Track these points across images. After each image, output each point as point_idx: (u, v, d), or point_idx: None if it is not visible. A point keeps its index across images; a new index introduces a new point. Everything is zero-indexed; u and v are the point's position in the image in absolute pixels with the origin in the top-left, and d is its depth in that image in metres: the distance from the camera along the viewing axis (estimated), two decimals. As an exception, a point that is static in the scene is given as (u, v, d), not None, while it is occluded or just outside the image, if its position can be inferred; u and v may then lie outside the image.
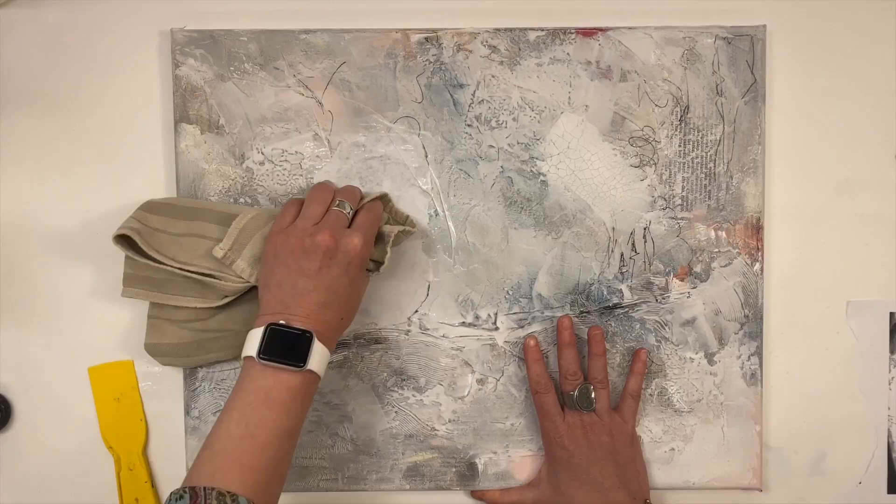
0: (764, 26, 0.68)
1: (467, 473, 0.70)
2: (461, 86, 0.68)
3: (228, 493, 0.52)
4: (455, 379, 0.69)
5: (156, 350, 0.66)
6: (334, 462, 0.69)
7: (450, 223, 0.69)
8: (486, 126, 0.68)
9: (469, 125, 0.68)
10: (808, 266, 0.70)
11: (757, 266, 0.69)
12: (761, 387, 0.69)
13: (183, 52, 0.67)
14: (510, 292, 0.69)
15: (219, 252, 0.63)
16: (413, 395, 0.69)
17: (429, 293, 0.69)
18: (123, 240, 0.63)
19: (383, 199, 0.66)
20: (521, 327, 0.69)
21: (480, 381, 0.69)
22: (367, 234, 0.60)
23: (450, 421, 0.69)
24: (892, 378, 0.71)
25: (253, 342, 0.57)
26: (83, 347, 0.69)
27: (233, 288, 0.64)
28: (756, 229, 0.68)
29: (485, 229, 0.69)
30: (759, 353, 0.69)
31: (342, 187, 0.64)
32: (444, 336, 0.69)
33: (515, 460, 0.70)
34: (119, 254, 0.69)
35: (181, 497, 0.53)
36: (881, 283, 0.70)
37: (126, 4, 0.69)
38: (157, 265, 0.63)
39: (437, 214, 0.68)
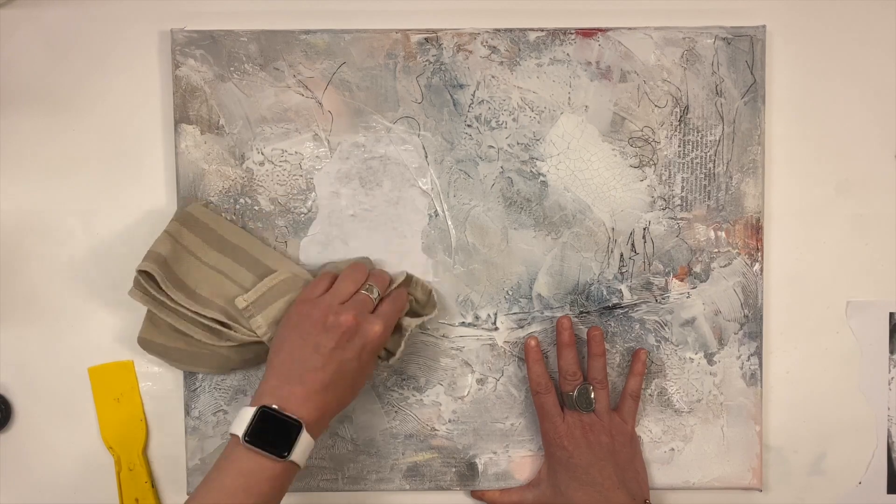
0: (764, 27, 0.68)
1: (467, 473, 0.70)
2: (461, 86, 0.68)
3: None
4: (455, 379, 0.69)
5: (147, 345, 0.66)
6: (334, 462, 0.69)
7: (450, 223, 0.69)
8: (486, 126, 0.68)
9: (469, 125, 0.68)
10: (807, 266, 0.70)
11: (757, 266, 0.69)
12: (761, 387, 0.69)
13: (183, 52, 0.67)
14: (510, 292, 0.69)
15: (241, 303, 0.63)
16: (413, 395, 0.69)
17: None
18: (144, 273, 0.63)
19: (407, 281, 0.66)
20: (521, 327, 0.69)
21: (480, 381, 0.69)
22: (388, 322, 0.61)
23: (450, 421, 0.69)
24: (892, 378, 0.71)
25: (242, 421, 0.56)
26: (83, 347, 0.69)
27: (239, 339, 0.64)
28: (756, 229, 0.69)
29: (485, 229, 0.69)
30: (758, 353, 0.69)
31: (375, 270, 0.65)
32: (443, 336, 0.69)
33: (515, 460, 0.70)
34: (119, 253, 0.69)
35: None
36: (881, 283, 0.70)
37: (126, 4, 0.69)
38: (172, 304, 0.63)
39: (436, 215, 0.68)
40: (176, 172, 0.68)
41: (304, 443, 0.57)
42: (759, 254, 0.69)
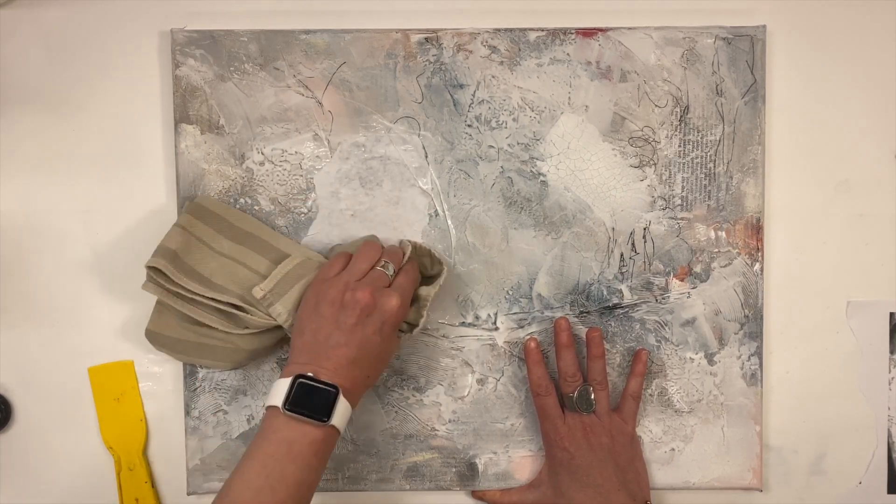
0: (764, 26, 0.68)
1: (467, 474, 0.70)
2: (461, 86, 0.68)
3: None
4: (455, 379, 0.69)
5: (155, 339, 0.66)
6: (334, 462, 0.69)
7: (450, 223, 0.69)
8: (486, 126, 0.68)
9: (469, 125, 0.68)
10: (808, 266, 0.70)
11: (757, 266, 0.69)
12: (761, 387, 0.69)
13: (183, 52, 0.67)
14: (510, 292, 0.69)
15: (259, 292, 0.63)
16: (413, 396, 0.69)
17: (429, 293, 0.69)
18: (154, 268, 0.63)
19: (414, 251, 0.65)
20: (521, 327, 0.69)
21: (480, 382, 0.69)
22: (404, 295, 0.61)
23: (450, 421, 0.69)
24: (892, 378, 0.71)
25: (279, 392, 0.57)
26: (83, 347, 0.69)
27: (258, 323, 0.63)
28: (756, 229, 0.69)
29: (485, 229, 0.69)
30: (759, 353, 0.69)
31: (388, 248, 0.65)
32: (444, 336, 0.69)
33: (515, 460, 0.70)
34: (119, 253, 0.69)
35: None
36: (881, 283, 0.70)
37: (126, 4, 0.69)
38: (188, 293, 0.63)
39: (437, 215, 0.68)
40: (176, 172, 0.68)
41: (343, 407, 0.57)
42: (760, 254, 0.69)
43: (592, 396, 0.65)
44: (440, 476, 0.70)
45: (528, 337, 0.68)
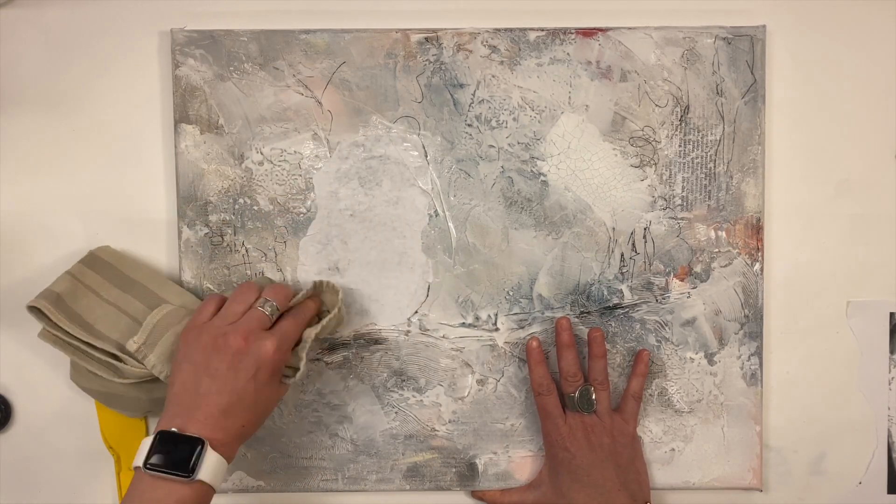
0: (764, 26, 0.68)
1: (467, 474, 0.70)
2: (461, 86, 0.68)
3: None
4: (455, 379, 0.69)
5: (78, 384, 0.66)
6: (334, 462, 0.69)
7: (450, 223, 0.68)
8: (486, 126, 0.68)
9: (469, 125, 0.68)
10: (808, 266, 0.70)
11: (757, 266, 0.69)
12: (761, 387, 0.69)
13: (183, 52, 0.67)
14: (510, 293, 0.69)
15: (132, 346, 0.61)
16: (413, 396, 0.69)
17: (429, 294, 0.69)
18: (36, 310, 0.63)
19: (316, 288, 0.64)
20: (522, 328, 0.69)
21: (480, 382, 0.69)
22: (282, 339, 0.58)
23: (450, 421, 0.69)
24: (892, 378, 0.71)
25: (142, 451, 0.54)
26: (83, 348, 0.69)
27: (136, 374, 0.62)
28: (756, 229, 0.68)
29: (485, 230, 0.69)
30: (759, 353, 0.69)
31: (271, 286, 0.62)
32: (444, 337, 0.69)
33: (515, 461, 0.70)
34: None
35: None
36: (881, 283, 0.70)
37: (126, 4, 0.68)
38: (67, 338, 0.63)
39: (437, 215, 0.68)
40: (176, 172, 0.68)
41: (213, 460, 0.54)
42: (760, 254, 0.69)
43: (593, 396, 0.65)
44: (440, 476, 0.69)
45: (530, 336, 0.68)
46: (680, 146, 0.68)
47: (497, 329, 0.69)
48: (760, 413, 0.69)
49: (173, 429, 0.55)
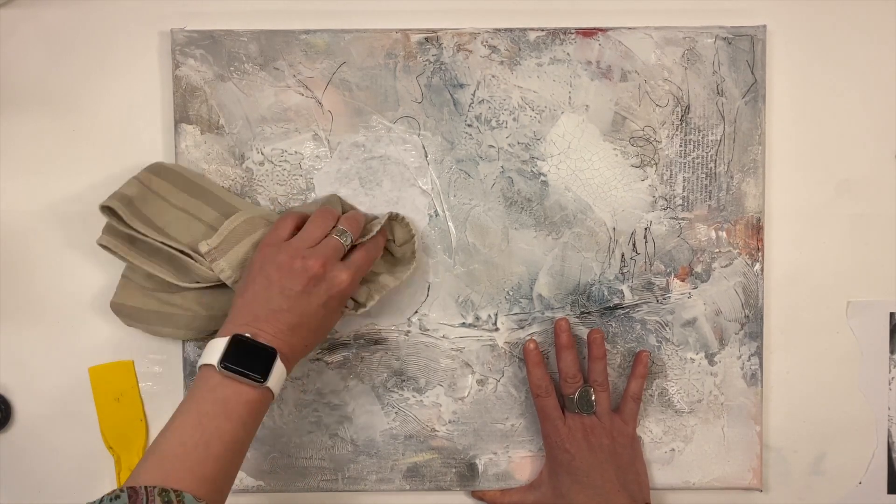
0: (764, 26, 0.68)
1: (467, 474, 0.70)
2: (461, 86, 0.68)
3: (173, 490, 0.50)
4: (455, 380, 0.69)
5: (120, 310, 0.66)
6: (334, 462, 0.69)
7: (450, 223, 0.68)
8: (486, 126, 0.68)
9: (469, 125, 0.68)
10: (808, 266, 0.70)
11: (757, 266, 0.69)
12: (761, 387, 0.69)
13: (183, 52, 0.67)
14: (510, 293, 0.69)
15: (204, 247, 0.62)
16: (413, 396, 0.69)
17: (429, 294, 0.69)
18: (109, 210, 0.63)
19: (389, 221, 0.65)
20: (522, 328, 0.69)
21: (480, 382, 0.69)
22: (357, 272, 0.60)
23: (450, 422, 0.69)
24: (892, 378, 0.71)
25: (215, 350, 0.55)
26: (83, 347, 0.69)
27: (206, 275, 0.63)
28: (756, 229, 0.69)
29: (485, 230, 0.69)
30: (759, 353, 0.69)
31: (348, 213, 0.64)
32: (444, 337, 0.69)
33: (515, 461, 0.70)
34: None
35: (117, 497, 0.50)
36: (881, 283, 0.70)
37: (126, 4, 0.68)
38: (140, 236, 0.63)
39: (437, 215, 0.68)
40: (176, 172, 0.68)
41: (279, 371, 0.56)
42: (760, 254, 0.69)
43: (593, 398, 0.65)
44: (440, 476, 0.69)
45: (528, 338, 0.68)
46: (680, 146, 0.68)
47: (497, 329, 0.69)
48: (760, 413, 0.69)
49: (247, 334, 0.56)
